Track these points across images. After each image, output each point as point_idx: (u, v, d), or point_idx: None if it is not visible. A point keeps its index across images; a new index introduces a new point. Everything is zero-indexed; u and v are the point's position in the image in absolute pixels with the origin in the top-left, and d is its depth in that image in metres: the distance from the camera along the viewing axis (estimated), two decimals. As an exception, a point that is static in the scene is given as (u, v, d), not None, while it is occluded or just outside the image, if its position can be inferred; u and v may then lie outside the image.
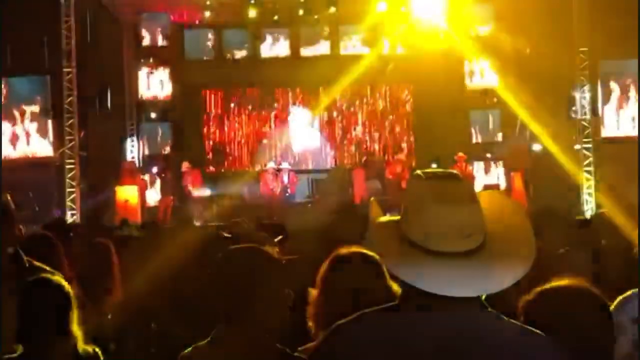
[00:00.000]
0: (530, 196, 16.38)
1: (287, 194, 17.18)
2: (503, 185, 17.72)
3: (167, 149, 19.02)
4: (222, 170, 19.80)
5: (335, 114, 20.22)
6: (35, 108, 16.61)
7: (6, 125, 16.52)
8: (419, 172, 1.89)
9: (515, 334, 1.77)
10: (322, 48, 19.24)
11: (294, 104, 20.22)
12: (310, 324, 2.69)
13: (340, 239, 3.02)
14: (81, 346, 3.11)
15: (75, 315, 3.12)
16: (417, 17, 18.29)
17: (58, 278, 3.20)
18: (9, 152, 16.43)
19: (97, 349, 3.20)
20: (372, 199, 4.22)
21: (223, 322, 2.52)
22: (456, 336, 1.72)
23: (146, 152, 18.99)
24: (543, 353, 1.73)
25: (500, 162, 18.58)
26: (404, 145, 20.10)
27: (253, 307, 2.48)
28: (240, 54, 19.18)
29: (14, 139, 16.56)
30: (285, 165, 17.85)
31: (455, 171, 1.92)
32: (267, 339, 2.49)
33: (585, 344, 2.04)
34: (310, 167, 19.73)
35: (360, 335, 1.80)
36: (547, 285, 2.22)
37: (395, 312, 1.80)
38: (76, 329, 3.12)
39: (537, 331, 1.78)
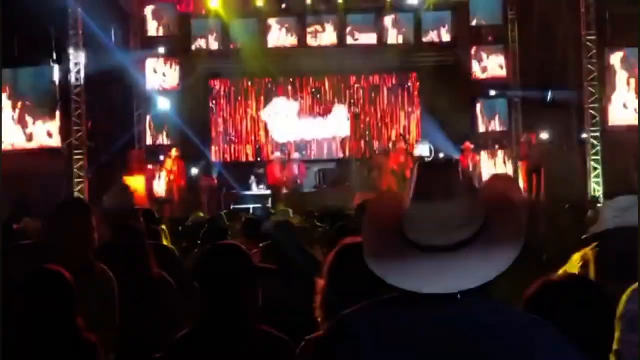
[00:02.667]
0: (540, 186, 16.34)
1: (296, 184, 17.19)
2: (510, 175, 17.69)
3: (175, 139, 19.04)
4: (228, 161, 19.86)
5: (342, 103, 20.21)
6: (43, 98, 16.63)
7: (13, 116, 16.56)
8: (420, 161, 1.90)
9: (523, 323, 1.75)
10: (330, 38, 19.22)
11: (301, 93, 20.22)
12: (317, 313, 2.71)
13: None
14: (83, 335, 3.17)
15: (76, 305, 3.17)
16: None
17: (59, 269, 3.24)
18: (15, 142, 16.48)
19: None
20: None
21: (206, 310, 2.68)
22: (461, 327, 1.72)
23: (153, 142, 19.02)
24: (549, 343, 1.72)
25: (507, 152, 18.57)
26: (413, 133, 20.11)
27: (235, 294, 2.67)
28: (247, 43, 19.17)
29: (22, 130, 16.59)
30: (296, 155, 17.84)
31: (448, 159, 1.89)
32: (249, 323, 2.66)
33: (585, 334, 2.06)
34: (316, 157, 19.74)
35: (364, 326, 1.81)
36: (549, 278, 2.24)
37: (399, 302, 1.80)
38: (78, 318, 3.17)
39: (544, 320, 1.77)
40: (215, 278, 2.70)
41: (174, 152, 17.31)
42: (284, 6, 18.84)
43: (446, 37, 19.11)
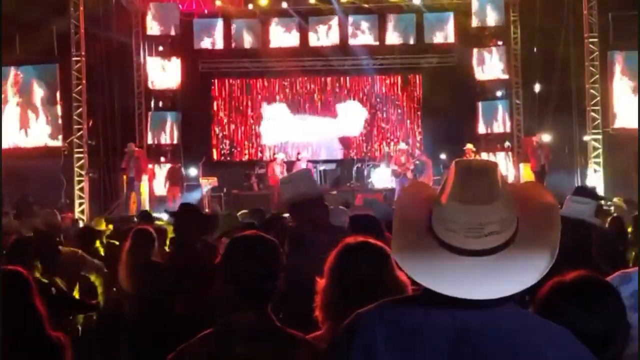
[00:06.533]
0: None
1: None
2: (512, 176, 17.69)
3: (176, 138, 19.03)
4: (229, 160, 19.85)
5: (343, 104, 20.19)
6: (44, 97, 16.64)
7: (15, 114, 16.57)
8: (458, 159, 1.84)
9: (535, 328, 1.74)
10: (331, 38, 19.21)
11: (302, 93, 20.20)
12: (317, 313, 2.69)
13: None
14: (49, 332, 3.18)
15: (38, 301, 3.20)
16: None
17: (17, 268, 3.27)
18: (17, 140, 16.49)
19: (61, 336, 3.25)
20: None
21: (230, 308, 2.54)
22: (474, 331, 1.71)
23: (154, 141, 19.00)
24: (562, 350, 1.71)
25: (509, 153, 18.56)
26: (416, 132, 20.12)
27: (259, 290, 2.51)
28: (249, 43, 19.16)
29: (23, 128, 16.60)
30: (304, 155, 17.85)
31: (490, 162, 1.83)
32: (272, 322, 2.52)
33: (598, 334, 2.05)
34: (317, 158, 19.72)
35: (380, 324, 1.79)
36: (561, 278, 2.21)
37: (416, 302, 1.79)
38: (40, 315, 3.18)
39: (558, 326, 1.76)
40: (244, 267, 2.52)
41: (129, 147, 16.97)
42: (285, 5, 18.81)
43: (448, 39, 19.09)
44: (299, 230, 4.27)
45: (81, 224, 12.55)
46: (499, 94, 18.96)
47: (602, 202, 8.03)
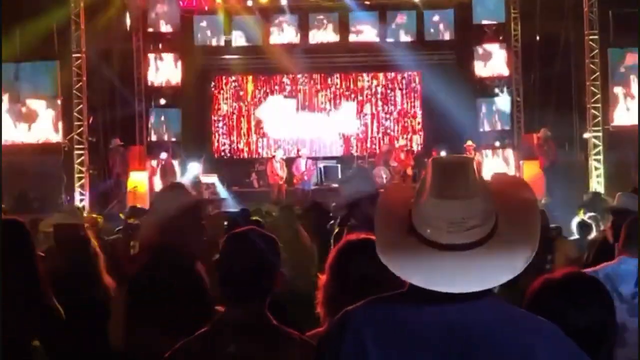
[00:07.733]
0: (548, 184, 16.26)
1: (304, 181, 17.13)
2: (511, 174, 17.66)
3: (176, 135, 19.01)
4: (227, 158, 19.84)
5: (344, 100, 20.18)
6: (44, 94, 16.63)
7: (15, 111, 16.56)
8: (434, 157, 1.88)
9: (523, 320, 1.77)
10: (331, 35, 19.21)
11: (302, 90, 20.18)
12: (318, 309, 2.70)
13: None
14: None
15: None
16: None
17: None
18: (17, 137, 16.48)
19: None
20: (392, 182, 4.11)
21: (226, 304, 2.55)
22: (462, 325, 1.72)
23: (154, 138, 18.98)
24: (549, 341, 1.73)
25: (509, 151, 18.54)
26: (416, 129, 20.09)
27: (256, 286, 2.51)
28: (250, 39, 19.14)
29: (23, 124, 16.59)
30: (304, 151, 17.85)
31: (465, 157, 1.88)
32: (268, 320, 2.52)
33: (587, 331, 2.06)
34: (317, 154, 19.70)
35: (368, 321, 1.80)
36: (551, 275, 2.23)
37: (403, 299, 1.80)
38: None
39: (544, 319, 1.78)
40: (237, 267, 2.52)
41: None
42: (284, 2, 18.78)
43: (448, 36, 19.08)
44: (354, 229, 4.21)
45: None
46: (499, 91, 18.92)
47: None
